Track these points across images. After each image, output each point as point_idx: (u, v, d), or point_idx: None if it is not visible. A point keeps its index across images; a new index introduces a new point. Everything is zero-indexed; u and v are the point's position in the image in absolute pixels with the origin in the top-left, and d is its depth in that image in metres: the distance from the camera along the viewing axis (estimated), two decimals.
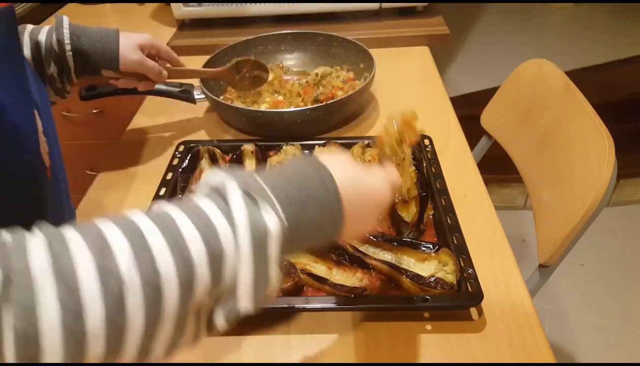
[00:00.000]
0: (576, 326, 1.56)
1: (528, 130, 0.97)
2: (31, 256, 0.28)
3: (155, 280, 0.31)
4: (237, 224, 0.34)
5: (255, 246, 0.34)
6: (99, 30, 0.77)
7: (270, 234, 0.35)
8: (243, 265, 0.34)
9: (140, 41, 0.80)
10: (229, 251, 0.34)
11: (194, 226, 0.34)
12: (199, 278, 0.33)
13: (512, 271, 0.66)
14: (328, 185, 0.39)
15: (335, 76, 1.07)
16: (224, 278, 0.34)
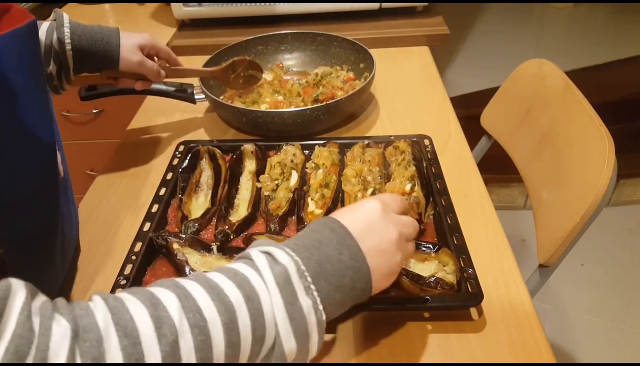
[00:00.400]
0: (576, 326, 1.56)
1: (528, 130, 0.98)
2: (96, 313, 0.32)
3: (202, 324, 0.35)
4: (262, 270, 0.40)
5: (281, 282, 0.39)
6: (99, 30, 0.77)
7: (290, 272, 0.40)
8: (275, 301, 0.39)
9: (140, 42, 0.80)
10: (261, 291, 0.39)
11: (226, 277, 0.39)
12: (240, 317, 0.37)
13: (512, 271, 0.66)
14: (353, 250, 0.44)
15: (335, 76, 1.07)
16: (263, 314, 0.38)
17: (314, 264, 0.42)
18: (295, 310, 0.39)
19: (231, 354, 0.37)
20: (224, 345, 0.36)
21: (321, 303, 0.41)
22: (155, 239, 0.68)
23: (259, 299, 0.38)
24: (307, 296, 0.40)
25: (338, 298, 0.43)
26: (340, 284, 0.43)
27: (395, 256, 0.47)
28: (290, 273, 0.40)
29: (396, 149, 0.85)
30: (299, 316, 0.39)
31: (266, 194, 0.78)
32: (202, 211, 0.76)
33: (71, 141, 1.42)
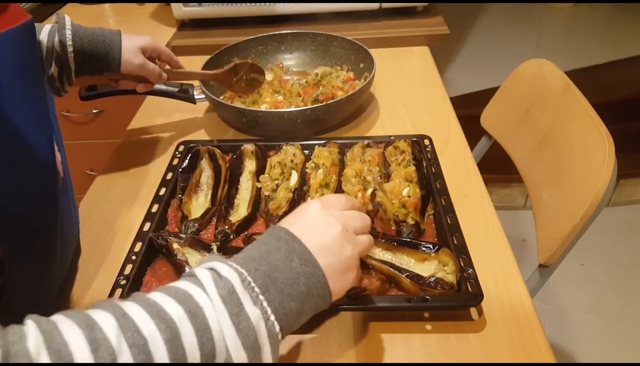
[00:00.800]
0: (576, 326, 1.56)
1: (528, 130, 0.98)
2: (28, 338, 0.31)
3: (141, 343, 0.34)
4: (206, 285, 0.39)
5: (224, 294, 0.38)
6: (101, 32, 0.76)
7: (235, 284, 0.39)
8: (219, 314, 0.38)
9: (142, 44, 0.80)
10: (205, 305, 0.37)
11: (166, 295, 0.38)
12: (183, 333, 0.36)
13: (512, 271, 0.66)
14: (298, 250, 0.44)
15: (335, 76, 1.07)
16: (210, 328, 0.37)
17: (262, 275, 0.41)
18: (241, 320, 0.38)
19: None
20: (170, 362, 0.35)
21: (273, 313, 0.40)
22: (155, 239, 0.68)
23: (204, 314, 0.37)
24: (255, 307, 0.39)
25: (294, 307, 0.42)
26: (295, 292, 0.42)
27: (344, 250, 0.46)
28: (234, 285, 0.39)
29: (396, 149, 0.85)
30: (246, 326, 0.38)
31: (266, 194, 0.78)
32: (202, 211, 0.76)
33: (71, 141, 1.42)
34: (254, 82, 1.02)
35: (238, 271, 0.40)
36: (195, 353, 0.36)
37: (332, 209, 0.49)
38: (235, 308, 0.38)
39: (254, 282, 0.40)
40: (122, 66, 0.78)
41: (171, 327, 0.35)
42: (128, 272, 0.64)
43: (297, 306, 0.42)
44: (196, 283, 0.39)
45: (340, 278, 0.46)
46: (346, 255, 0.46)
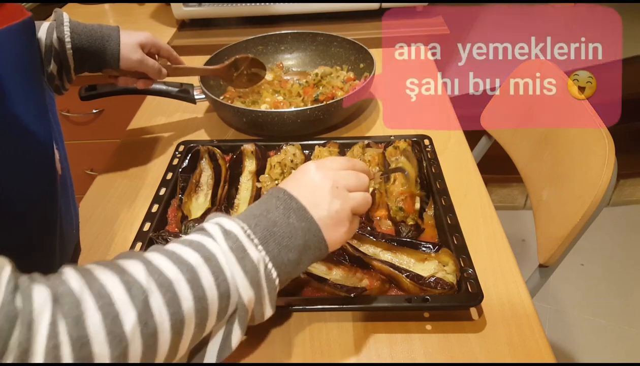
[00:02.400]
0: (576, 326, 1.56)
1: (528, 130, 0.98)
2: (70, 281, 0.35)
3: (167, 283, 0.38)
4: (216, 237, 0.44)
5: (230, 243, 0.43)
6: (100, 29, 0.76)
7: (238, 234, 0.44)
8: (229, 260, 0.42)
9: (141, 40, 0.80)
10: (217, 252, 0.42)
11: (182, 245, 0.42)
12: (202, 274, 0.40)
13: (512, 271, 0.66)
14: (294, 206, 0.48)
15: (335, 76, 1.07)
16: (223, 271, 0.42)
17: (262, 229, 0.45)
18: (246, 263, 0.43)
19: (200, 308, 0.40)
20: (192, 300, 0.39)
21: (271, 261, 0.45)
22: (155, 239, 0.68)
23: (216, 259, 0.42)
24: (257, 251, 0.44)
25: (292, 258, 0.46)
26: (293, 245, 0.46)
27: (333, 205, 0.49)
28: (238, 236, 0.44)
29: (396, 149, 0.85)
30: (251, 267, 0.43)
31: None
32: (202, 211, 0.76)
33: (71, 141, 1.42)
34: (255, 77, 1.02)
35: (240, 224, 0.45)
36: (213, 292, 0.41)
37: (325, 169, 0.52)
38: (240, 253, 0.43)
39: (253, 234, 0.45)
40: (120, 62, 0.78)
41: (191, 270, 0.40)
42: None
43: (294, 257, 0.46)
44: (206, 235, 0.44)
45: (332, 231, 0.49)
46: (335, 209, 0.49)
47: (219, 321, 0.43)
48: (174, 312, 0.38)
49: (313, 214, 0.47)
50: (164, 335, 0.37)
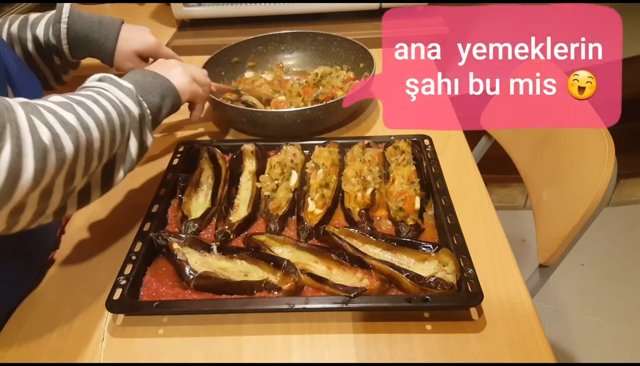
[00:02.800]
0: (576, 326, 1.56)
1: (528, 130, 0.98)
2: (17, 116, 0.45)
3: (88, 107, 0.53)
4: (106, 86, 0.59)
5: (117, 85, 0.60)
6: (99, 30, 0.77)
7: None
8: (115, 91, 0.59)
9: (138, 48, 0.81)
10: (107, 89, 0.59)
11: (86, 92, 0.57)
12: (104, 102, 0.56)
13: (512, 271, 0.66)
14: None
15: (335, 75, 1.07)
16: (114, 99, 0.57)
17: (139, 86, 0.63)
18: (125, 90, 0.60)
19: (109, 118, 0.55)
20: (104, 114, 0.54)
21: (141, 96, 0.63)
22: (155, 239, 0.68)
23: (107, 93, 0.58)
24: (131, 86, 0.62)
25: (156, 101, 0.65)
26: (155, 92, 0.65)
27: (177, 68, 0.72)
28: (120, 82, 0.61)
29: (396, 149, 0.85)
30: (129, 91, 0.60)
31: (266, 194, 0.78)
32: (202, 211, 0.76)
33: None
34: None
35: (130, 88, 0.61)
36: (114, 110, 0.56)
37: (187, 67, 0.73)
38: (119, 87, 0.60)
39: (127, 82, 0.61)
40: (115, 66, 0.80)
41: (97, 101, 0.55)
42: (128, 272, 0.64)
43: (158, 101, 0.65)
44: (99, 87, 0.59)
45: (176, 78, 0.70)
46: (179, 70, 0.72)
47: (122, 134, 0.57)
48: (96, 119, 0.52)
49: (173, 82, 0.68)
50: (94, 133, 0.51)
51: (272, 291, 0.61)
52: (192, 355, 0.58)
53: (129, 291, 0.61)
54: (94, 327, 0.61)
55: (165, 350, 0.59)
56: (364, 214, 0.73)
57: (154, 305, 0.60)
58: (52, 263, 0.71)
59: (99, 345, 0.59)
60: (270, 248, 0.68)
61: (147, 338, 0.60)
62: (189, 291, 0.63)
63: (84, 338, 0.60)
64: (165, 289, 0.64)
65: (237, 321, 0.61)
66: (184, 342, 0.59)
